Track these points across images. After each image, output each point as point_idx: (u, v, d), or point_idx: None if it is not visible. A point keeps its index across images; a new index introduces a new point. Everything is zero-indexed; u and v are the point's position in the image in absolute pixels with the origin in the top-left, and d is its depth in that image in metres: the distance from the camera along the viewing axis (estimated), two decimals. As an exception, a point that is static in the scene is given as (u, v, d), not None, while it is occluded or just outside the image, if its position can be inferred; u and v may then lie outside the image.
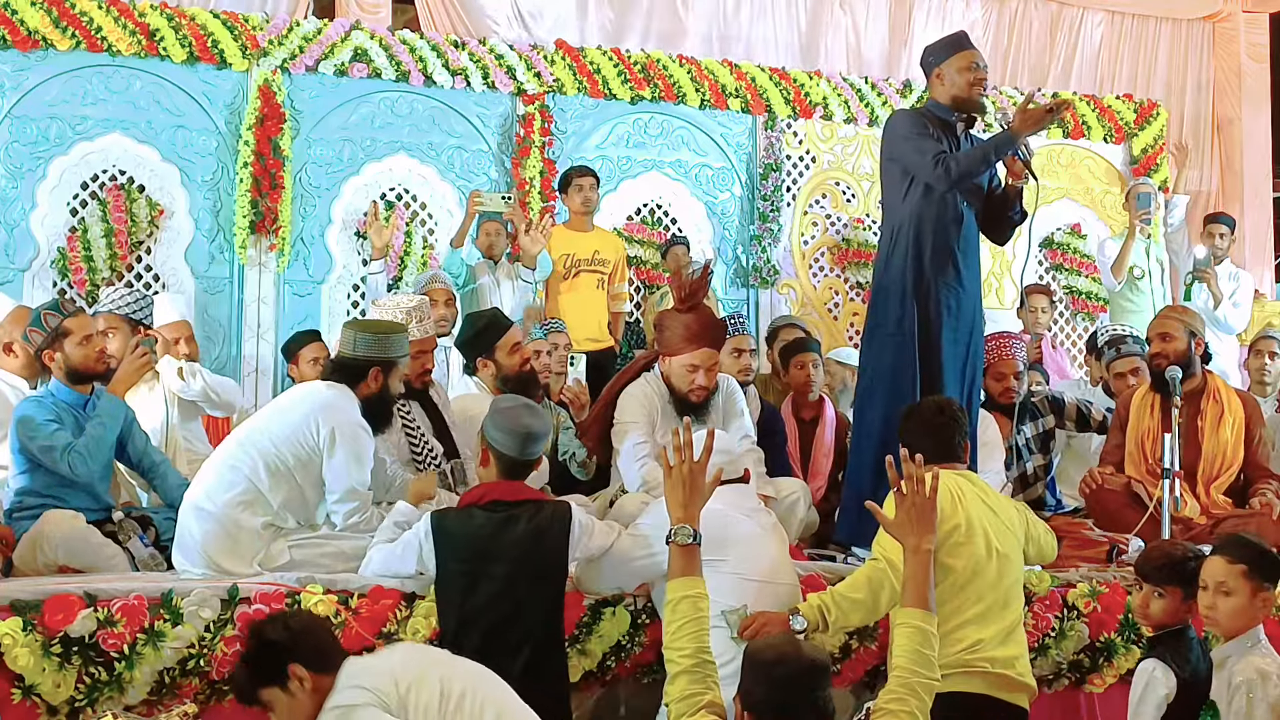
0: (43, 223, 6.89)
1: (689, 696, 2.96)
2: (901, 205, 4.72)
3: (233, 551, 3.95)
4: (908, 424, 3.97)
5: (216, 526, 3.95)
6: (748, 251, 8.09)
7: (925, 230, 4.68)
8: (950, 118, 4.78)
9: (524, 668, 3.55)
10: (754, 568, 3.72)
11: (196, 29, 7.08)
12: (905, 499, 3.20)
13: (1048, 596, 4.33)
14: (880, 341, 4.75)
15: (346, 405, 4.07)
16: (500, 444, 3.78)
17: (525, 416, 3.81)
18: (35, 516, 4.22)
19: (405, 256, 7.39)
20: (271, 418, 4.13)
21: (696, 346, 4.62)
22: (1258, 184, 9.67)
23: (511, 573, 3.63)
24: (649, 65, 7.95)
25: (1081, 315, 8.64)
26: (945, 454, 3.85)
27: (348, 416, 4.04)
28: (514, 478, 3.80)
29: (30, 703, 3.42)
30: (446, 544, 3.68)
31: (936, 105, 4.83)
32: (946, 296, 4.70)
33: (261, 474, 3.98)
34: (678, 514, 3.22)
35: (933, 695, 3.04)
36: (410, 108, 7.52)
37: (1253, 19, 9.88)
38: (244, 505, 3.98)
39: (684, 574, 3.16)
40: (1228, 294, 7.67)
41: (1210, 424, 5.19)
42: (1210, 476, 5.18)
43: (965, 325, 4.77)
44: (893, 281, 4.72)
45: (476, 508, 3.73)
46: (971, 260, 4.82)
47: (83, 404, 4.45)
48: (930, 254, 4.68)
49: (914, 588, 3.14)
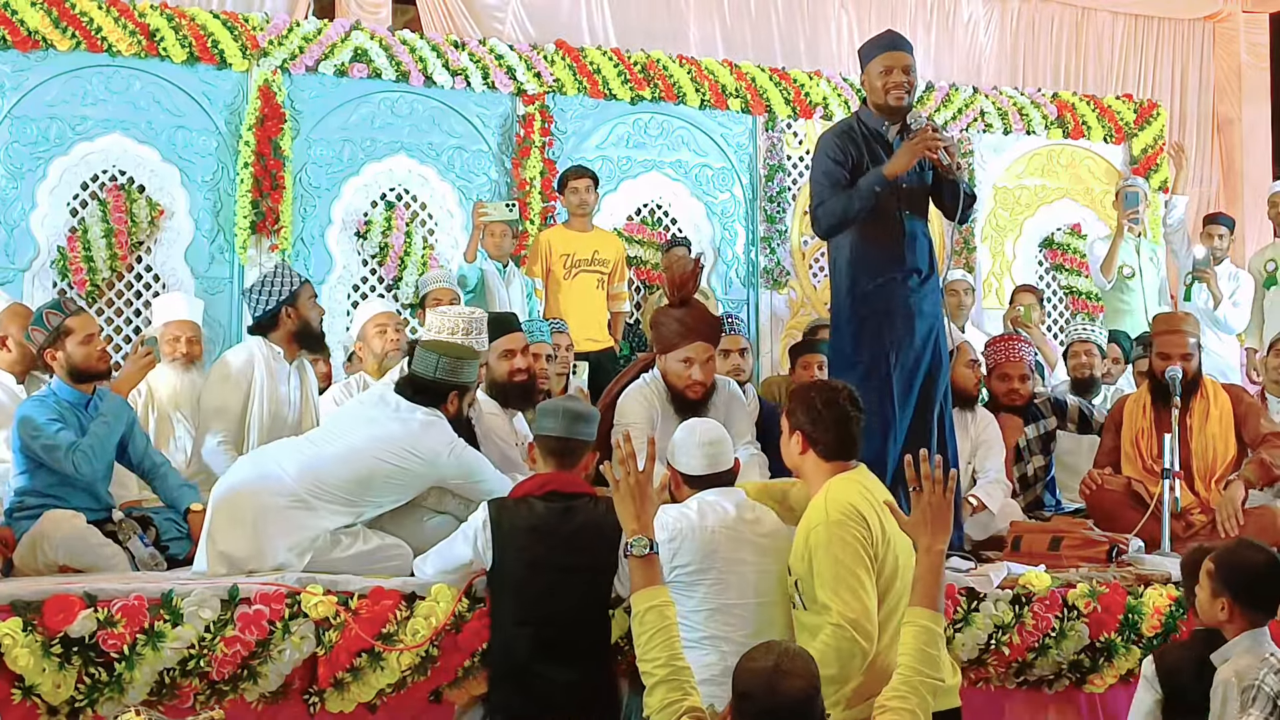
0: (43, 223, 6.89)
1: (669, 705, 2.96)
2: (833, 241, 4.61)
3: (295, 547, 3.94)
4: (815, 408, 3.48)
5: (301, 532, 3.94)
6: (755, 252, 8.10)
7: (865, 252, 4.50)
8: (880, 125, 4.60)
9: (583, 664, 3.58)
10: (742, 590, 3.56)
11: (196, 29, 7.09)
12: (921, 499, 3.17)
13: (1048, 596, 4.32)
14: (843, 372, 4.51)
15: (439, 428, 4.10)
16: (547, 428, 3.78)
17: (566, 401, 3.88)
18: (35, 516, 4.22)
19: (405, 257, 7.39)
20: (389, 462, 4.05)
21: (690, 340, 4.61)
22: (1258, 184, 9.68)
23: (571, 564, 3.61)
24: (649, 65, 7.95)
25: (1082, 315, 8.64)
26: (851, 450, 3.51)
27: (445, 436, 4.09)
28: (567, 462, 3.78)
29: (30, 703, 3.42)
30: (505, 532, 3.66)
31: (866, 111, 4.67)
32: (900, 313, 4.49)
33: (376, 509, 4.07)
34: (630, 525, 3.20)
35: (936, 695, 3.04)
36: (410, 108, 7.52)
37: (1253, 19, 9.89)
38: (343, 529, 4.03)
39: (647, 584, 3.14)
40: (1228, 294, 7.66)
41: (1198, 421, 5.22)
42: (1207, 472, 5.18)
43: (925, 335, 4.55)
44: (843, 311, 4.57)
45: (534, 498, 3.72)
46: (921, 250, 4.59)
47: (84, 403, 4.45)
48: (873, 275, 4.48)
49: (923, 587, 3.12)
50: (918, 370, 4.52)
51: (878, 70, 4.55)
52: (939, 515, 3.15)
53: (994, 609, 4.25)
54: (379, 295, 7.32)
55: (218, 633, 3.57)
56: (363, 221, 7.37)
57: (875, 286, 4.50)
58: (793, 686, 2.72)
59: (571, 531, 3.64)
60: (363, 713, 3.75)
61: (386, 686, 3.72)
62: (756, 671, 2.76)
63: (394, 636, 3.70)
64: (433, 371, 4.16)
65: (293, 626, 3.62)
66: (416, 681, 3.75)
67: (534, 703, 3.57)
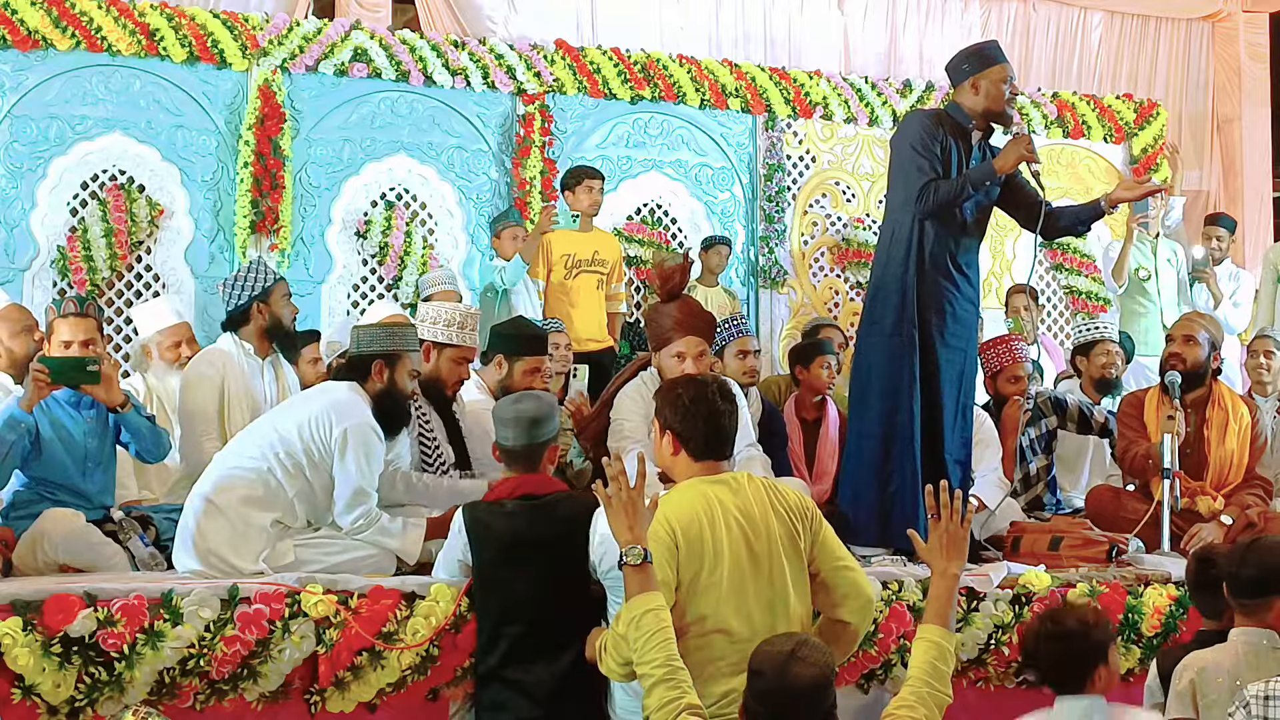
0: (43, 223, 6.89)
1: (668, 704, 2.99)
2: (904, 207, 4.73)
3: (239, 548, 3.94)
4: (685, 406, 3.36)
5: (225, 522, 3.95)
6: (755, 252, 8.10)
7: (926, 232, 4.69)
8: (969, 125, 4.79)
9: (570, 662, 3.58)
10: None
11: (196, 29, 7.09)
12: (939, 526, 3.28)
13: (1048, 596, 4.32)
14: (876, 340, 4.74)
15: (359, 406, 4.06)
16: (507, 439, 3.79)
17: (519, 403, 3.83)
18: (34, 515, 4.22)
19: (405, 256, 7.39)
20: (286, 416, 4.12)
21: (682, 335, 4.62)
22: (1258, 184, 9.68)
23: (551, 563, 3.61)
24: (649, 65, 7.95)
25: (1082, 315, 8.64)
26: (720, 450, 3.39)
27: (360, 418, 4.03)
28: (534, 465, 3.79)
29: (30, 703, 3.41)
30: (481, 536, 3.68)
31: (958, 110, 4.81)
32: (945, 299, 4.70)
33: (276, 471, 3.99)
34: (625, 536, 3.19)
35: (944, 709, 3.10)
36: (410, 108, 7.52)
37: (1253, 19, 9.88)
38: (255, 502, 3.98)
39: (642, 591, 3.15)
40: (1228, 294, 7.67)
41: (1216, 433, 5.18)
42: (1218, 485, 5.18)
43: (964, 329, 4.78)
44: (892, 280, 4.72)
45: (508, 500, 3.73)
46: (971, 264, 4.83)
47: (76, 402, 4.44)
48: (930, 256, 4.69)
49: (937, 606, 3.23)
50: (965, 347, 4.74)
51: (998, 78, 4.73)
52: (955, 542, 3.27)
53: (994, 609, 4.26)
54: (379, 295, 7.33)
55: (218, 632, 3.57)
56: (363, 221, 7.37)
57: (928, 267, 4.67)
58: (804, 674, 2.81)
59: (545, 532, 3.64)
60: (363, 712, 3.75)
61: (387, 686, 3.72)
62: (773, 655, 2.86)
63: (394, 635, 3.71)
64: (357, 345, 4.15)
65: (293, 626, 3.62)
66: (416, 681, 3.75)
67: (518, 700, 3.60)
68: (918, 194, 4.63)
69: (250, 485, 3.99)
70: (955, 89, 4.85)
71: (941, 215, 4.68)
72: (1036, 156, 4.70)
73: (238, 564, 3.92)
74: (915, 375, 4.65)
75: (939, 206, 4.64)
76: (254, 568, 3.93)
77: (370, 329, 4.20)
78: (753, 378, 5.40)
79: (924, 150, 4.66)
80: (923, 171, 4.65)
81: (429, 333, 4.57)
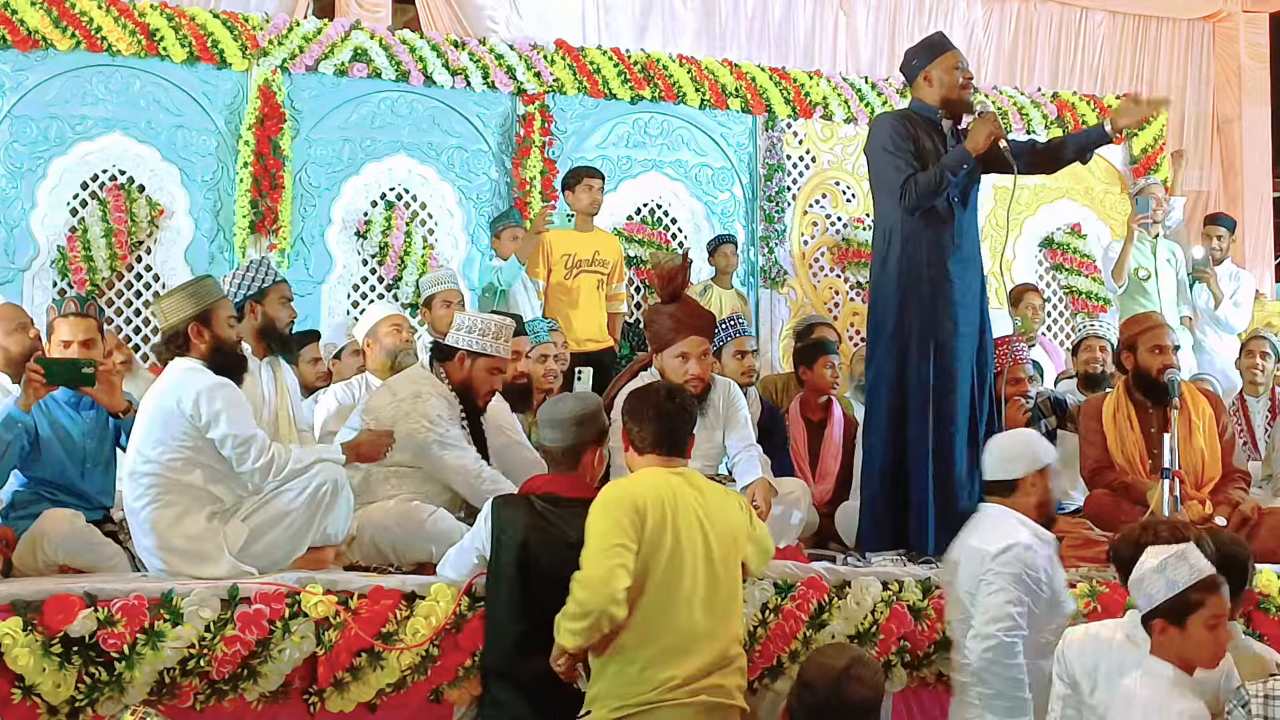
0: (43, 223, 6.89)
1: None
2: (890, 210, 4.76)
3: (202, 561, 3.93)
4: (634, 404, 3.64)
5: (171, 553, 3.94)
6: (754, 252, 8.10)
7: (919, 229, 4.70)
8: (936, 117, 4.85)
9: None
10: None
11: (196, 29, 7.08)
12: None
13: (1048, 596, 4.31)
14: (883, 345, 4.76)
15: (194, 373, 4.03)
16: (546, 439, 3.80)
17: (560, 403, 3.85)
18: (34, 516, 4.21)
19: (405, 256, 7.38)
20: (141, 429, 4.06)
21: (684, 335, 4.62)
22: (1258, 184, 9.69)
23: (562, 565, 3.59)
24: (649, 65, 7.95)
25: (1082, 315, 8.64)
26: (671, 446, 3.58)
27: (201, 380, 4.00)
28: (573, 466, 3.78)
29: (30, 703, 3.42)
30: (502, 528, 3.69)
31: (923, 106, 4.89)
32: (946, 293, 4.70)
33: (175, 474, 3.97)
34: None
35: None
36: (410, 108, 7.52)
37: (1253, 19, 9.89)
38: (183, 512, 3.97)
39: None
40: (1229, 293, 7.67)
41: (1183, 430, 5.13)
42: (1199, 484, 5.16)
43: (972, 320, 4.78)
44: (889, 282, 4.74)
45: (535, 497, 3.74)
46: (970, 253, 4.83)
47: (76, 402, 4.45)
48: (926, 253, 4.70)
49: None
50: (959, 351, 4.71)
51: (947, 67, 4.83)
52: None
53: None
54: (379, 295, 7.33)
55: (218, 632, 3.58)
56: (363, 221, 7.37)
57: (923, 265, 4.69)
58: (856, 693, 2.83)
59: (562, 534, 3.64)
60: (363, 712, 3.75)
61: (386, 686, 3.72)
62: (827, 669, 2.89)
63: (394, 636, 3.71)
64: (165, 319, 4.12)
65: (293, 626, 3.63)
66: (416, 681, 3.76)
67: (523, 697, 3.61)
68: (900, 192, 4.67)
69: (167, 503, 3.96)
70: (912, 86, 4.95)
71: (927, 206, 4.69)
72: (1004, 132, 4.77)
73: (212, 573, 3.90)
74: (925, 377, 4.66)
75: (923, 198, 4.67)
76: (226, 565, 3.92)
77: (168, 301, 4.15)
78: (750, 377, 5.41)
79: (896, 149, 4.71)
80: (899, 170, 4.68)
81: (464, 341, 4.60)
